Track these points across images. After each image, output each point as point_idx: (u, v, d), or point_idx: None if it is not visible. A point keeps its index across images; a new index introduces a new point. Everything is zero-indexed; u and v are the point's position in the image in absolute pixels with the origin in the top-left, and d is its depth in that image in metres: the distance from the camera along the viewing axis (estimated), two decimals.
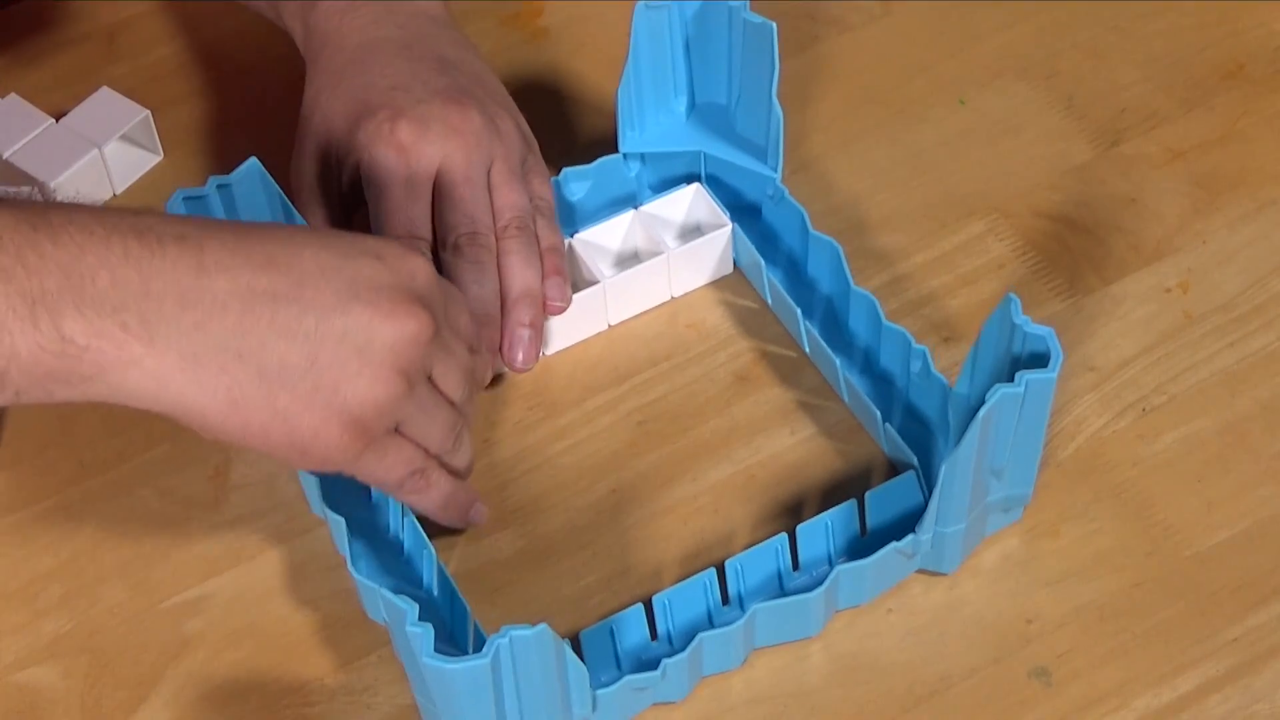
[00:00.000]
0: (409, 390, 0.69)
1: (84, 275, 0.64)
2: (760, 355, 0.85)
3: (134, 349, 0.64)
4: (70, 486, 0.82)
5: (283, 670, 0.76)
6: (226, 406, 0.66)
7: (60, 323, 0.63)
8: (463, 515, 0.77)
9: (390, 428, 0.70)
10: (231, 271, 0.66)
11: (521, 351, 0.81)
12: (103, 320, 0.64)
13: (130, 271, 0.64)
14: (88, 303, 0.64)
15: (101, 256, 0.64)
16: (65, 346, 0.64)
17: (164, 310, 0.65)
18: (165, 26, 0.99)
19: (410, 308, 0.68)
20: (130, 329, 0.64)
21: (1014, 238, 0.89)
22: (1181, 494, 0.80)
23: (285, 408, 0.67)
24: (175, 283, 0.65)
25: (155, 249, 0.65)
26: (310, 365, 0.67)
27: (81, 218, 0.65)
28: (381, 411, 0.68)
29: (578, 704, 0.71)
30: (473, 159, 0.81)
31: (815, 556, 0.77)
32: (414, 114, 0.81)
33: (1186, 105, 0.94)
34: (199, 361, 0.65)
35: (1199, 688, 0.74)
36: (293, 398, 0.67)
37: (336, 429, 0.68)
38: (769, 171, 0.86)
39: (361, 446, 0.69)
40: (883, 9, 0.99)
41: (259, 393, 0.66)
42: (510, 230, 0.81)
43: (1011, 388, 0.70)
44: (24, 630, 0.77)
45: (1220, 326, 0.85)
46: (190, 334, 0.65)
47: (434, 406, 0.71)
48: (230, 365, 0.66)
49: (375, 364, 0.68)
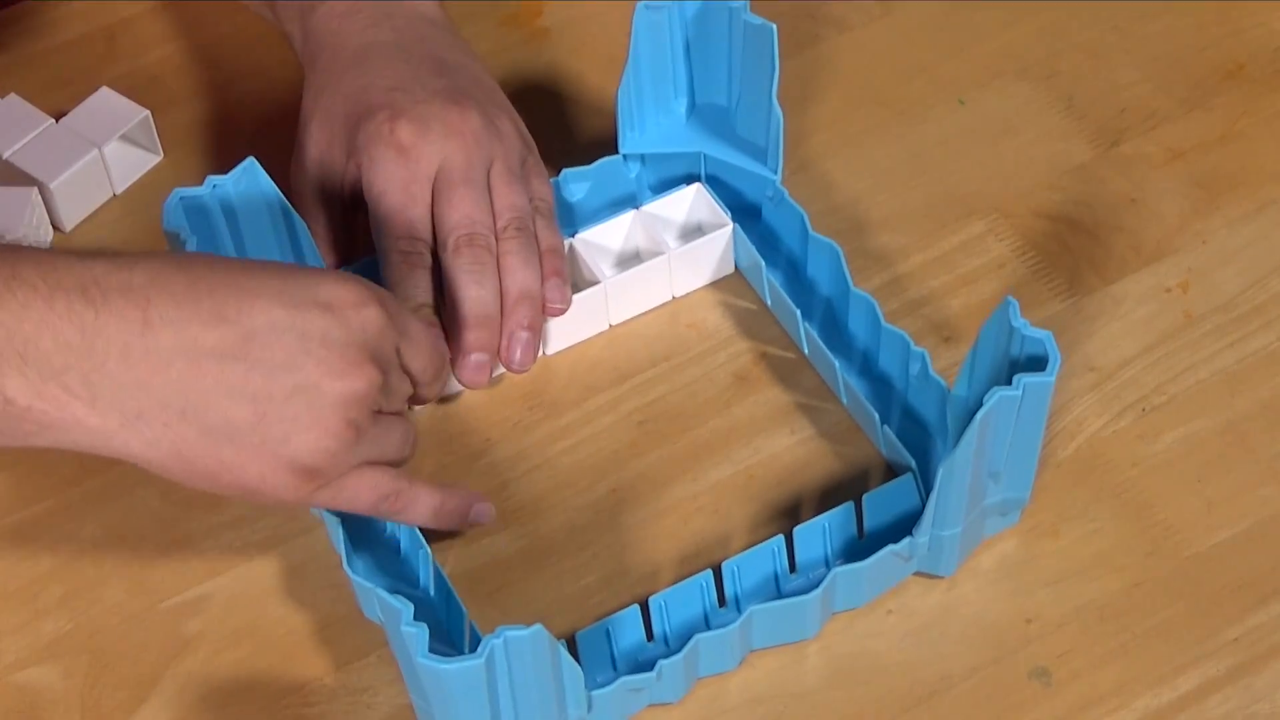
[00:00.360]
0: (358, 436, 0.69)
1: (26, 338, 0.64)
2: (760, 356, 0.85)
3: (76, 409, 0.65)
4: (70, 486, 0.82)
5: (282, 670, 0.76)
6: (170, 458, 0.67)
7: (3, 383, 0.64)
8: (459, 520, 0.77)
9: (346, 469, 0.70)
10: (176, 326, 0.66)
11: (519, 353, 0.81)
12: (45, 383, 0.64)
13: (73, 331, 0.65)
14: (30, 365, 0.64)
15: (44, 316, 0.64)
16: (7, 407, 0.65)
17: (106, 368, 0.65)
18: (165, 26, 0.99)
19: (360, 366, 0.69)
20: (72, 390, 0.65)
21: (1014, 238, 0.89)
22: (1181, 494, 0.80)
23: (231, 460, 0.67)
24: (118, 340, 0.65)
25: (99, 305, 0.65)
26: (258, 422, 0.67)
27: (26, 272, 0.65)
28: (334, 459, 0.69)
29: (573, 705, 0.71)
30: (472, 159, 0.81)
31: (812, 559, 0.77)
32: (413, 115, 0.81)
33: (1186, 105, 0.93)
34: (141, 418, 0.66)
35: (1199, 688, 0.74)
36: (237, 450, 0.67)
37: (285, 475, 0.68)
38: (769, 173, 0.86)
39: (314, 488, 0.69)
40: (883, 9, 0.99)
41: (203, 447, 0.67)
42: (510, 231, 0.81)
43: (1009, 391, 0.70)
44: (24, 630, 0.77)
45: (1220, 326, 0.85)
46: (133, 392, 0.65)
47: (385, 434, 0.72)
48: (174, 422, 0.66)
49: (325, 419, 0.68)
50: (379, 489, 0.72)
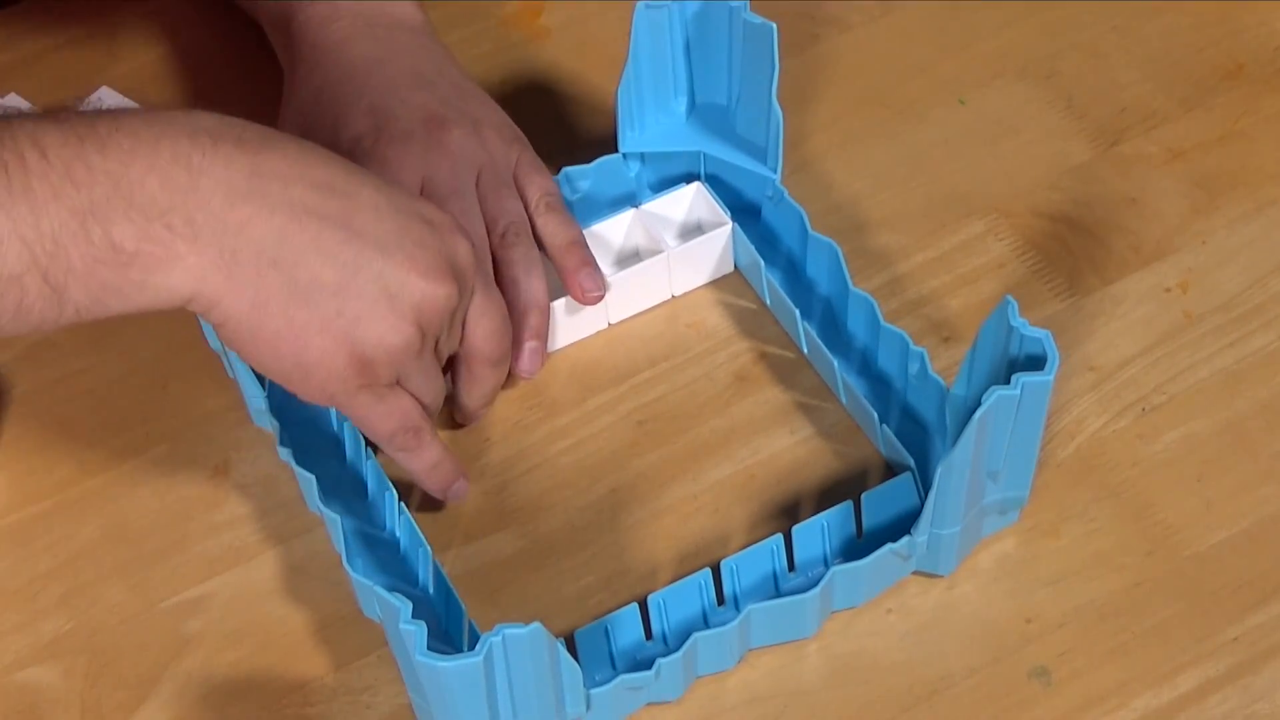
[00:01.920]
0: (420, 349, 0.71)
1: (132, 182, 0.64)
2: (759, 356, 0.85)
3: (178, 247, 0.65)
4: (70, 486, 0.82)
5: (282, 670, 0.76)
6: (249, 307, 0.67)
7: (110, 231, 0.64)
8: (446, 484, 0.78)
9: (392, 379, 0.72)
10: (285, 181, 0.67)
11: (527, 363, 0.81)
12: (150, 224, 0.65)
13: (179, 171, 0.65)
14: (136, 209, 0.64)
15: (151, 160, 0.65)
16: (116, 255, 0.64)
17: (210, 206, 0.66)
18: (165, 26, 0.99)
19: (446, 276, 0.70)
20: (175, 228, 0.65)
21: (1014, 238, 0.89)
22: (1181, 494, 0.80)
23: (302, 324, 0.68)
24: (226, 181, 0.66)
25: (208, 149, 0.66)
26: (338, 291, 0.68)
27: (130, 123, 0.65)
28: (392, 358, 0.70)
29: (571, 703, 0.71)
30: (457, 171, 0.81)
31: (811, 558, 0.77)
32: (392, 132, 0.81)
33: (1186, 105, 0.93)
34: (236, 259, 0.66)
35: (1199, 688, 0.74)
36: (311, 316, 0.68)
37: (344, 359, 0.69)
38: (768, 172, 0.86)
39: (361, 384, 0.70)
40: (883, 9, 0.99)
41: (282, 302, 0.67)
42: (507, 239, 0.81)
43: (1008, 390, 0.70)
44: (24, 630, 0.78)
45: (1220, 326, 0.85)
46: (233, 232, 0.66)
47: (434, 371, 0.74)
48: (265, 270, 0.67)
49: (399, 312, 0.69)
50: (408, 419, 0.73)
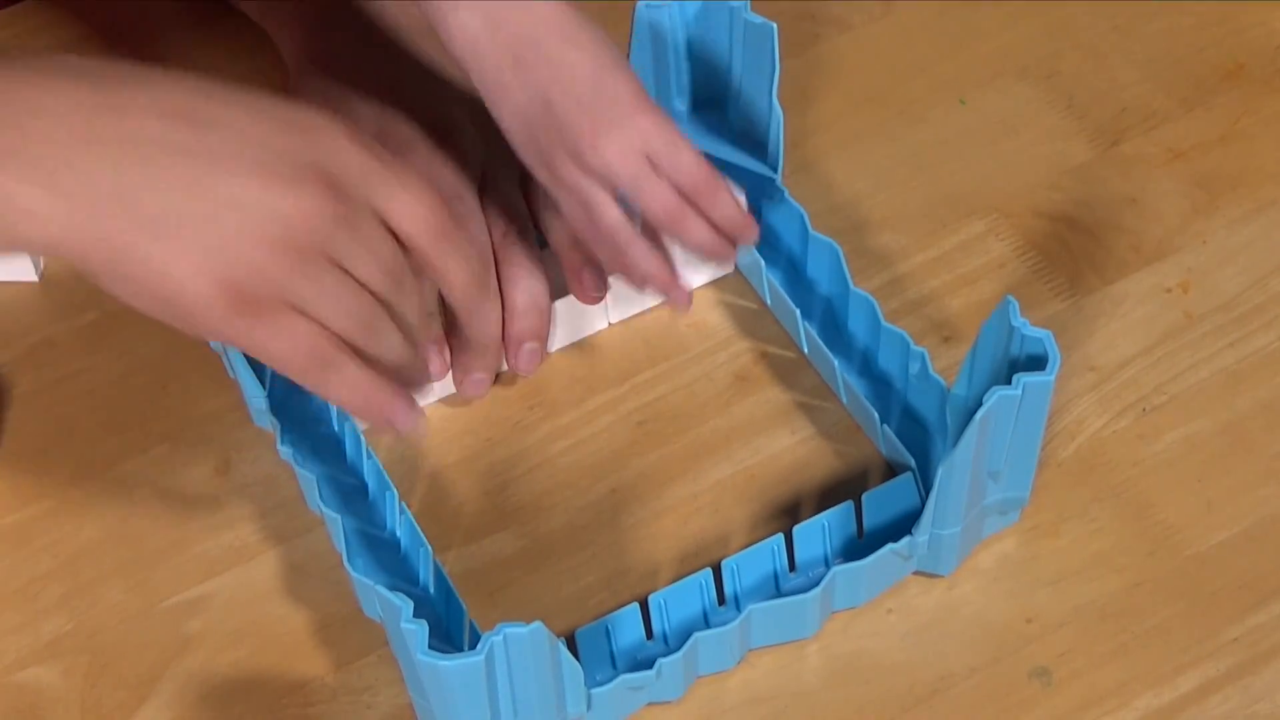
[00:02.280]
0: (298, 266, 0.65)
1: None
2: (760, 356, 0.85)
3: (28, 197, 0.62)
4: (70, 486, 0.82)
5: (283, 670, 0.76)
6: (109, 251, 0.64)
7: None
8: (379, 413, 0.70)
9: (278, 301, 0.65)
10: (126, 114, 0.64)
11: (526, 362, 0.81)
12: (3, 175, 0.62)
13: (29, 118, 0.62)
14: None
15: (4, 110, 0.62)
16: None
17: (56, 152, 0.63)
18: (165, 26, 0.99)
19: (314, 184, 0.65)
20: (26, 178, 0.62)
21: (1014, 238, 0.89)
22: (1181, 494, 0.80)
23: (161, 259, 0.64)
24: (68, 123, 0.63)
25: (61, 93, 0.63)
26: (189, 219, 0.64)
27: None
28: (265, 281, 0.64)
29: (572, 703, 0.71)
30: (461, 172, 0.81)
31: (812, 557, 0.77)
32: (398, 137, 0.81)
33: (1186, 105, 0.93)
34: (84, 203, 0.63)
35: (1199, 688, 0.74)
36: (166, 250, 0.63)
37: (213, 289, 0.64)
38: (769, 172, 0.86)
39: (239, 312, 0.65)
40: (883, 9, 0.99)
41: (135, 239, 0.63)
42: (508, 238, 0.81)
43: (1008, 390, 0.70)
44: (24, 630, 0.78)
45: (1220, 326, 0.85)
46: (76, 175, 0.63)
47: (335, 288, 0.66)
48: (112, 209, 0.63)
49: (263, 231, 0.64)
50: (315, 349, 0.66)
